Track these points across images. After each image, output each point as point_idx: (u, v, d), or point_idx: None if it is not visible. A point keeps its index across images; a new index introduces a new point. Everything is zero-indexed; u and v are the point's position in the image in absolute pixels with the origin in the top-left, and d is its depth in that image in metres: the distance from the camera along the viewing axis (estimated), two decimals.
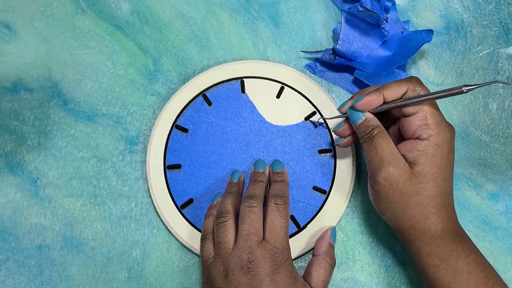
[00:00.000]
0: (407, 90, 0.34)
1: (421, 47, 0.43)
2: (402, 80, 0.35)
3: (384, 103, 0.35)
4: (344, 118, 0.38)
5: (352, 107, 0.36)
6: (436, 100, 0.34)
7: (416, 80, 0.34)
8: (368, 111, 0.35)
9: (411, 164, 0.33)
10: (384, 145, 0.33)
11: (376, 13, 0.41)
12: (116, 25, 0.46)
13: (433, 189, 0.33)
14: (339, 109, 0.38)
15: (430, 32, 0.41)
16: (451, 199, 0.34)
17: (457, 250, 0.32)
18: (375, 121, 0.35)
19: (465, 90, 0.31)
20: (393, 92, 0.34)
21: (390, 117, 0.37)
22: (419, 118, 0.33)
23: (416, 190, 0.33)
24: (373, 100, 0.35)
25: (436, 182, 0.33)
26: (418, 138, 0.33)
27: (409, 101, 0.33)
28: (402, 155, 0.34)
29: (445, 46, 0.45)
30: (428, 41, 0.41)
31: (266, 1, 0.46)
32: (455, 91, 0.32)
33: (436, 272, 0.33)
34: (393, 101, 0.35)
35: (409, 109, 0.34)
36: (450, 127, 0.34)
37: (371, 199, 0.36)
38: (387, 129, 0.37)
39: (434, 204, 0.33)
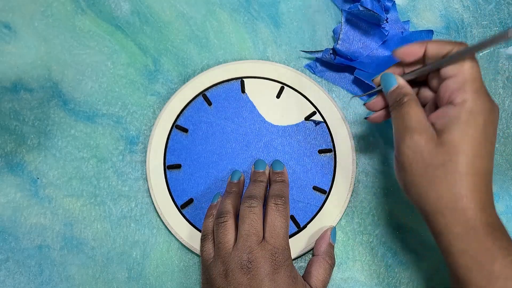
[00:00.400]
0: (451, 50, 0.30)
1: None
2: (448, 40, 0.32)
3: (423, 66, 0.32)
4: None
5: (393, 53, 0.33)
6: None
7: (464, 45, 0.30)
8: (403, 76, 0.33)
9: (439, 131, 0.29)
10: (412, 112, 0.31)
11: (376, 13, 0.41)
12: (116, 25, 0.46)
13: (463, 163, 0.28)
14: (373, 80, 0.35)
15: (430, 32, 0.41)
16: (489, 186, 0.29)
17: (493, 249, 0.28)
18: (407, 88, 0.32)
19: (510, 35, 0.27)
20: (436, 46, 0.31)
21: (430, 88, 0.34)
22: (456, 82, 0.30)
23: (442, 162, 0.28)
24: (414, 49, 0.32)
25: (467, 157, 0.28)
26: (451, 103, 0.30)
27: (446, 59, 0.30)
28: (432, 124, 0.30)
29: None
30: None
31: (266, 1, 0.46)
32: (500, 37, 0.27)
33: (468, 273, 0.29)
34: (431, 63, 0.32)
35: (449, 71, 0.30)
36: (493, 103, 0.29)
37: (396, 175, 0.33)
38: (425, 105, 0.34)
39: (464, 184, 0.28)
